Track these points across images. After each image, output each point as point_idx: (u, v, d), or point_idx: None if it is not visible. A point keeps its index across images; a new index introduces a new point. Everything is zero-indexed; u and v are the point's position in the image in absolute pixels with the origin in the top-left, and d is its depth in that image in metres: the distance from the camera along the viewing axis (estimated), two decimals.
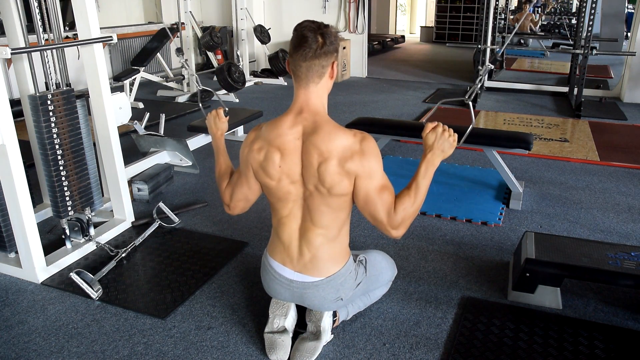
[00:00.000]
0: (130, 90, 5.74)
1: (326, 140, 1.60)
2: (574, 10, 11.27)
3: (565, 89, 6.28)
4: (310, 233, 1.73)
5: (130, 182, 3.19)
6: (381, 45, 10.89)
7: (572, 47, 7.53)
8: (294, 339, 1.89)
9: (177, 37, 6.47)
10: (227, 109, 2.00)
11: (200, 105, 2.14)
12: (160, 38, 6.11)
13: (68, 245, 2.55)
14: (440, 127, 1.70)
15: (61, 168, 2.44)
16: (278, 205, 1.76)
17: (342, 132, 1.63)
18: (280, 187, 1.69)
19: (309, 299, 1.82)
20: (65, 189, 2.47)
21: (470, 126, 1.75)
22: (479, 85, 1.74)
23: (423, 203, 1.71)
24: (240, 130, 4.46)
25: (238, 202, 1.86)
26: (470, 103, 1.78)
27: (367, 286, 1.99)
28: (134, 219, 2.90)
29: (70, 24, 5.58)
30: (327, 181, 1.62)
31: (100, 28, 2.55)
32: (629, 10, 9.79)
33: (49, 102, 2.35)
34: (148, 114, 4.23)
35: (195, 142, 4.19)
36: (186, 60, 3.53)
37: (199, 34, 6.57)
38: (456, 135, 1.71)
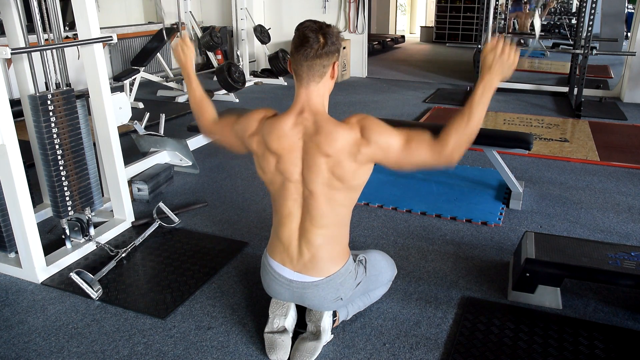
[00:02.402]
0: (130, 90, 5.73)
1: (330, 141, 1.61)
2: (574, 10, 11.27)
3: (565, 89, 6.27)
4: (309, 233, 1.74)
5: (130, 182, 3.19)
6: (381, 45, 10.88)
7: (572, 47, 7.52)
8: (294, 339, 1.89)
9: (177, 36, 6.46)
10: (191, 33, 1.99)
11: (166, 38, 2.10)
12: (161, 38, 6.11)
13: (68, 245, 2.55)
14: (500, 45, 1.55)
15: (61, 168, 2.44)
16: (278, 202, 1.76)
17: (342, 129, 1.63)
18: (274, 181, 1.73)
19: (309, 299, 1.82)
20: (65, 189, 2.47)
21: (536, 38, 1.66)
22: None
23: (470, 138, 1.59)
24: None
25: (216, 138, 1.90)
26: (538, 11, 1.71)
27: (367, 286, 1.99)
28: (134, 219, 2.90)
29: (70, 24, 5.58)
30: (348, 178, 1.65)
31: (100, 28, 2.55)
32: (629, 10, 9.78)
33: (49, 102, 2.35)
34: (148, 114, 4.23)
35: (195, 142, 4.18)
36: None
37: (199, 34, 6.56)
38: (518, 54, 1.57)
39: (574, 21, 10.26)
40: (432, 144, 1.60)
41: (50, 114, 2.36)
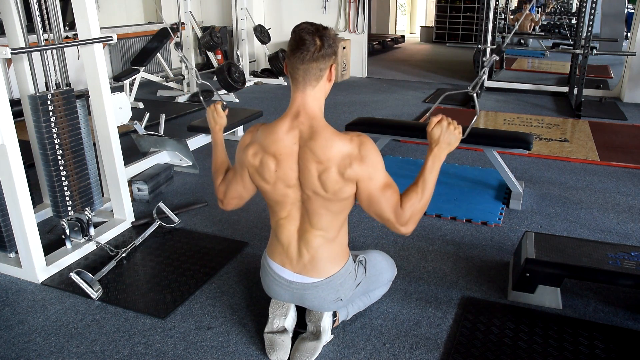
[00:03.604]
0: (130, 90, 5.74)
1: (324, 147, 1.59)
2: (574, 10, 11.28)
3: (565, 89, 6.27)
4: (308, 234, 1.73)
5: (130, 182, 3.19)
6: (381, 45, 10.88)
7: (572, 47, 7.52)
8: (294, 339, 1.89)
9: (177, 37, 6.47)
10: (225, 102, 2.01)
11: (202, 98, 2.14)
12: (161, 38, 6.11)
13: (68, 245, 2.55)
14: (445, 120, 1.67)
15: (61, 168, 2.44)
16: (276, 207, 1.75)
17: (339, 139, 1.61)
18: (276, 190, 1.69)
19: (309, 300, 1.82)
20: (65, 189, 2.47)
21: (475, 117, 1.73)
22: (484, 77, 1.72)
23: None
24: (240, 130, 4.46)
25: (231, 200, 1.87)
26: (475, 94, 1.77)
27: (367, 286, 1.99)
28: (134, 219, 2.90)
29: (70, 24, 5.58)
30: (330, 189, 1.62)
31: (100, 28, 2.55)
32: (629, 10, 9.79)
33: (49, 102, 2.35)
34: (148, 114, 4.23)
35: (195, 142, 4.19)
36: (184, 56, 3.53)
37: (199, 34, 6.57)
38: (460, 127, 1.69)
39: (574, 21, 10.28)
40: (397, 206, 1.64)
41: (50, 114, 2.36)
